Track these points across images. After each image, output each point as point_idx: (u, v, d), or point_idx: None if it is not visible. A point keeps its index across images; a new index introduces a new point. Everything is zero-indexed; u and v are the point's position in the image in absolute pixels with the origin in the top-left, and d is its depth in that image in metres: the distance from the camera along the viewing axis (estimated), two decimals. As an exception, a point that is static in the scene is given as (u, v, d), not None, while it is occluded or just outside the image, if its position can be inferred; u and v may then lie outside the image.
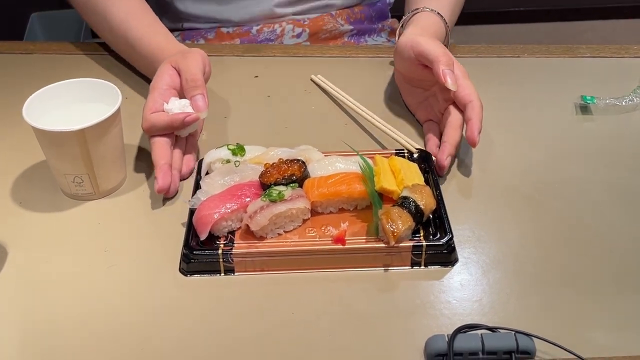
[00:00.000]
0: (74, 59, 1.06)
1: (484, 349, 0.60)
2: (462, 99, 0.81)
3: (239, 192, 0.74)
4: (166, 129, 0.80)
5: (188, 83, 0.82)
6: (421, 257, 0.70)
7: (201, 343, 0.64)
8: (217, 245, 0.71)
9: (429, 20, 0.94)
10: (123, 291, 0.69)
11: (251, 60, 1.05)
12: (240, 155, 0.79)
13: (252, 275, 0.70)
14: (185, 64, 0.83)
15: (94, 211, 0.78)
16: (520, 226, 0.75)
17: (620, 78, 0.98)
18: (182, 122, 0.79)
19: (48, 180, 0.82)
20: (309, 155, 0.79)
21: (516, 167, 0.83)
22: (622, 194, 0.79)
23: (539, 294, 0.68)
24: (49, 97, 0.79)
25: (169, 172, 0.78)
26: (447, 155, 0.80)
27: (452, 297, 0.67)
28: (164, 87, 0.82)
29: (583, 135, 0.89)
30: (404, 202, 0.71)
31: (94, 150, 0.75)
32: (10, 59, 1.06)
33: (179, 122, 0.79)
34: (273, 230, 0.72)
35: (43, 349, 0.64)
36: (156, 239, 0.75)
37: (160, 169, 0.78)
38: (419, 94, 0.91)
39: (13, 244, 0.74)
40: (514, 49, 1.05)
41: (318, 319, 0.65)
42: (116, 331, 0.65)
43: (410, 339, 0.63)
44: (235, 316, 0.66)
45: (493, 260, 0.71)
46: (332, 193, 0.74)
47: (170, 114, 0.80)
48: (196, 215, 0.72)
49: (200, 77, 0.82)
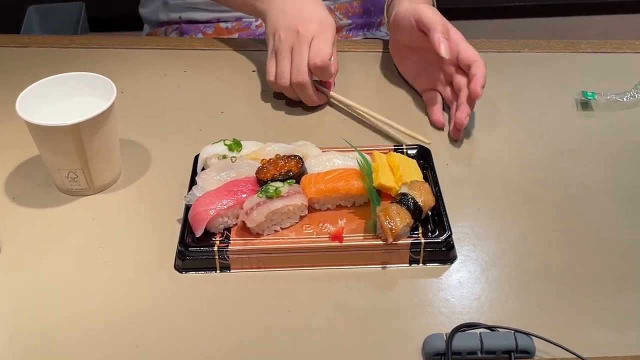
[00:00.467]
0: (70, 52, 1.05)
1: (483, 348, 0.59)
2: (465, 60, 0.85)
3: (235, 188, 0.73)
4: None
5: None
6: (419, 254, 0.69)
7: (196, 341, 0.63)
8: (213, 242, 0.70)
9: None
10: (117, 288, 0.68)
11: (249, 55, 1.04)
12: (236, 151, 0.78)
13: (248, 272, 0.70)
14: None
15: (89, 207, 0.78)
16: (519, 223, 0.74)
17: (622, 74, 0.97)
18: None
19: (42, 176, 0.81)
20: (306, 151, 0.78)
21: (516, 163, 0.82)
22: (623, 190, 0.78)
23: (539, 291, 0.67)
24: (43, 91, 0.78)
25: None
26: (466, 114, 0.84)
27: (451, 295, 0.67)
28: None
29: (584, 132, 0.88)
30: (402, 199, 0.70)
31: (88, 145, 0.74)
32: (5, 53, 1.05)
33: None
34: (269, 227, 0.71)
35: (37, 345, 0.63)
36: (151, 235, 0.74)
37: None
38: (419, 62, 0.93)
39: (6, 239, 0.73)
40: (515, 44, 1.04)
41: (314, 317, 0.65)
42: (110, 328, 0.64)
43: (408, 338, 0.62)
44: (230, 314, 0.65)
45: (492, 257, 0.70)
46: (329, 189, 0.73)
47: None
48: (192, 211, 0.71)
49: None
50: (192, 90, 0.97)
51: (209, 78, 0.99)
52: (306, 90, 0.89)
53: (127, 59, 1.02)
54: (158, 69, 1.01)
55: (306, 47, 0.88)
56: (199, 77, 0.99)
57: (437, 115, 0.88)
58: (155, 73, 1.00)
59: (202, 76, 0.99)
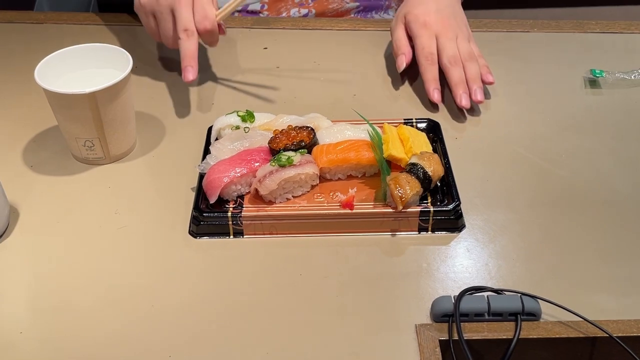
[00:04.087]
0: (84, 29, 1.06)
1: (490, 310, 0.61)
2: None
3: (248, 157, 0.74)
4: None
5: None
6: (428, 222, 0.71)
7: (209, 302, 0.64)
8: (227, 209, 0.71)
9: None
10: (133, 251, 0.70)
11: (260, 33, 1.05)
12: (249, 122, 0.80)
13: (261, 238, 0.71)
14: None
15: (105, 175, 0.79)
16: (527, 194, 0.76)
17: (629, 53, 0.98)
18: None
19: (59, 146, 0.82)
20: (318, 122, 0.80)
21: (525, 138, 0.84)
22: (629, 164, 0.79)
23: (545, 259, 0.68)
24: (60, 61, 0.79)
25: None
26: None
27: (459, 262, 0.68)
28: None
29: (592, 108, 0.89)
30: (412, 169, 0.71)
31: (105, 114, 0.76)
32: (21, 28, 1.07)
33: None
34: (282, 194, 0.72)
35: (54, 307, 0.64)
36: (166, 202, 0.75)
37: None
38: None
39: (24, 206, 0.75)
40: (524, 24, 1.05)
41: (325, 280, 0.66)
42: (126, 289, 0.66)
43: (417, 300, 0.64)
44: (243, 276, 0.67)
45: (500, 226, 0.72)
46: (340, 160, 0.74)
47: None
48: (206, 178, 0.73)
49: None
50: (204, 65, 0.98)
51: (221, 55, 1.00)
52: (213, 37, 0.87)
53: (141, 35, 1.04)
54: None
55: (188, 7, 0.85)
56: (211, 52, 1.00)
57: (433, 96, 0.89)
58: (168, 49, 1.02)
59: (215, 51, 1.00)
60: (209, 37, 0.87)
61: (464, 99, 0.85)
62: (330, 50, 1.02)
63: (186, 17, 0.84)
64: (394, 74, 0.95)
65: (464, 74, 0.87)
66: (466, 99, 0.86)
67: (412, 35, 0.91)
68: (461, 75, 0.87)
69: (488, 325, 0.61)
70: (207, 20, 0.85)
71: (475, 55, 0.89)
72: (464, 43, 0.89)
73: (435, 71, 0.88)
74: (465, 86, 0.87)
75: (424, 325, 0.61)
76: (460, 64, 0.88)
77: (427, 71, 0.88)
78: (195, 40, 0.85)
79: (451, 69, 0.87)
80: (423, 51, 0.89)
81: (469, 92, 0.87)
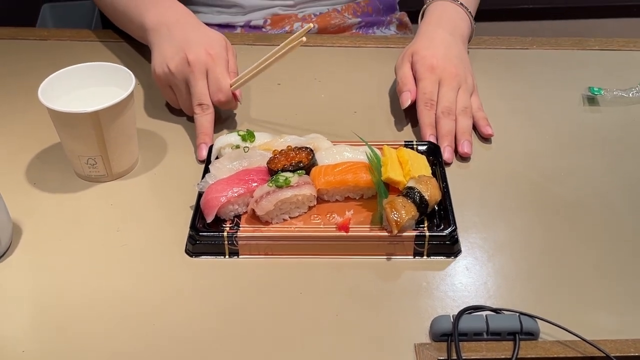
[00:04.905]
0: (87, 45, 1.08)
1: (489, 329, 0.61)
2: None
3: (246, 177, 0.75)
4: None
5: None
6: (424, 247, 0.71)
7: (206, 319, 0.65)
8: (223, 228, 0.72)
9: (443, 9, 0.95)
10: (133, 270, 0.70)
11: (261, 49, 1.06)
12: (249, 141, 0.80)
13: (257, 258, 0.71)
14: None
15: (107, 193, 0.80)
16: (526, 212, 0.76)
17: (628, 70, 0.99)
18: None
19: (62, 163, 0.83)
20: (317, 143, 0.80)
21: (523, 155, 0.84)
22: (628, 182, 0.80)
23: (544, 277, 0.69)
24: (63, 80, 0.80)
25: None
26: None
27: (458, 280, 0.68)
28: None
29: (590, 126, 0.89)
30: (408, 193, 0.71)
31: (107, 132, 0.77)
32: (25, 45, 1.08)
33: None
34: (278, 215, 0.73)
35: (56, 326, 0.65)
36: (166, 220, 0.76)
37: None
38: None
39: (27, 223, 0.75)
40: (523, 41, 1.06)
41: (323, 300, 0.66)
42: (126, 306, 0.66)
43: (415, 320, 0.64)
44: (240, 296, 0.67)
45: (499, 245, 0.72)
46: (338, 181, 0.74)
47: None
48: (204, 198, 0.73)
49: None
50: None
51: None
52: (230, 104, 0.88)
53: (143, 52, 1.05)
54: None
55: (202, 79, 0.86)
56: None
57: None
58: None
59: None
60: (225, 106, 0.88)
61: (447, 152, 0.83)
62: (330, 66, 1.03)
63: (200, 90, 0.85)
64: (394, 92, 0.96)
65: (455, 126, 0.86)
66: (449, 152, 0.83)
67: (416, 77, 0.90)
68: (450, 128, 0.85)
69: (487, 345, 0.61)
70: (221, 92, 0.86)
71: (470, 111, 0.88)
72: (464, 95, 0.88)
73: (432, 117, 0.87)
74: (452, 139, 0.85)
75: (423, 344, 0.61)
76: (453, 116, 0.86)
77: (425, 116, 0.87)
78: (210, 114, 0.86)
79: (442, 120, 0.86)
80: (424, 96, 0.88)
81: (457, 143, 0.85)
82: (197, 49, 0.86)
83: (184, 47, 0.86)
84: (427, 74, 0.88)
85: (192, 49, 0.85)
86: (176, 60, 0.86)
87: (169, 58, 0.86)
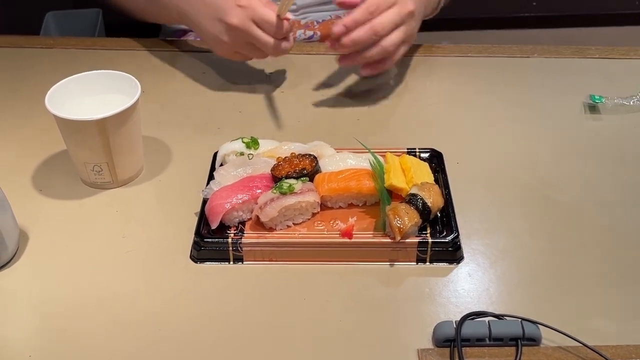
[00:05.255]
0: (93, 53, 1.09)
1: (491, 335, 0.61)
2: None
3: (250, 183, 0.76)
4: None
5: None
6: (426, 253, 0.71)
7: (211, 325, 0.65)
8: (227, 235, 0.72)
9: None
10: (139, 276, 0.71)
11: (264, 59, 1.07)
12: (254, 149, 0.81)
13: (261, 264, 0.72)
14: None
15: (113, 199, 0.81)
16: (528, 219, 0.77)
17: (629, 79, 1.00)
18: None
19: (68, 169, 0.84)
20: (321, 150, 0.81)
21: (525, 163, 0.85)
22: (629, 189, 0.81)
23: (546, 283, 0.69)
24: (70, 87, 0.81)
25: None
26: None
27: (461, 286, 0.69)
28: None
29: (591, 134, 0.90)
30: (411, 199, 0.72)
31: (113, 140, 0.77)
32: (31, 53, 1.09)
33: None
34: (282, 222, 0.73)
35: (62, 331, 0.65)
36: (171, 226, 0.77)
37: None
38: None
39: (33, 229, 0.76)
40: (524, 49, 1.07)
41: (326, 305, 0.67)
42: (133, 313, 0.67)
43: (418, 325, 0.65)
44: (244, 301, 0.68)
45: (501, 251, 0.73)
46: (341, 188, 0.75)
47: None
48: (208, 204, 0.74)
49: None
50: (210, 91, 1.00)
51: (226, 79, 1.02)
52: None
53: (148, 60, 1.06)
54: (178, 70, 1.05)
55: (256, 30, 0.88)
56: (217, 79, 1.02)
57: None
58: (175, 74, 1.04)
59: (221, 76, 1.02)
60: (289, 32, 0.91)
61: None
62: (333, 74, 1.03)
63: (265, 40, 0.89)
64: (397, 98, 0.97)
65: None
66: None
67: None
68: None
69: (489, 350, 0.61)
70: (276, 30, 0.88)
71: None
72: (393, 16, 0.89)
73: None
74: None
75: (426, 350, 0.62)
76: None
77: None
78: (288, 44, 0.91)
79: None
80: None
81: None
82: (230, 9, 0.88)
83: (219, 15, 0.89)
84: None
85: (227, 13, 0.89)
86: (220, 30, 0.90)
87: (217, 32, 0.90)
